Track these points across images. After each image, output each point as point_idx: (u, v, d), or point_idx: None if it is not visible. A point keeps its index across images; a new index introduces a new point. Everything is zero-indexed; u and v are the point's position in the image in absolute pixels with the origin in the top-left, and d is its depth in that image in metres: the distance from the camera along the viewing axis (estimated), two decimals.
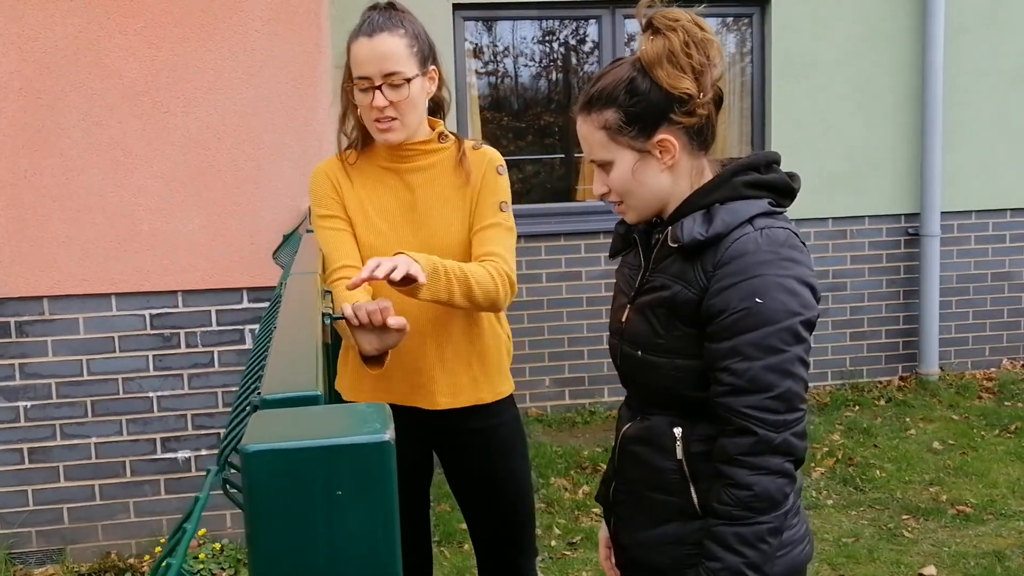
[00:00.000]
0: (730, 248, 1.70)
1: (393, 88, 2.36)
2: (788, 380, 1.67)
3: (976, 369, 6.79)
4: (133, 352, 4.14)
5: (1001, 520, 4.55)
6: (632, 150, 1.80)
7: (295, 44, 4.07)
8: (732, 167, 1.81)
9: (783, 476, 1.67)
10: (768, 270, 1.68)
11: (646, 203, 1.85)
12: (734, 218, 1.73)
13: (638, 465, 1.90)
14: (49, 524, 4.18)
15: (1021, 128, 6.62)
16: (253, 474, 0.81)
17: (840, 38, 6.32)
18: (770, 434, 1.66)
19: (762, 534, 1.66)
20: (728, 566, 1.66)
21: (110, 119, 3.99)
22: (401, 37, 2.37)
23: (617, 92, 1.78)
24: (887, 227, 6.57)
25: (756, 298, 1.66)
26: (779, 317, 1.66)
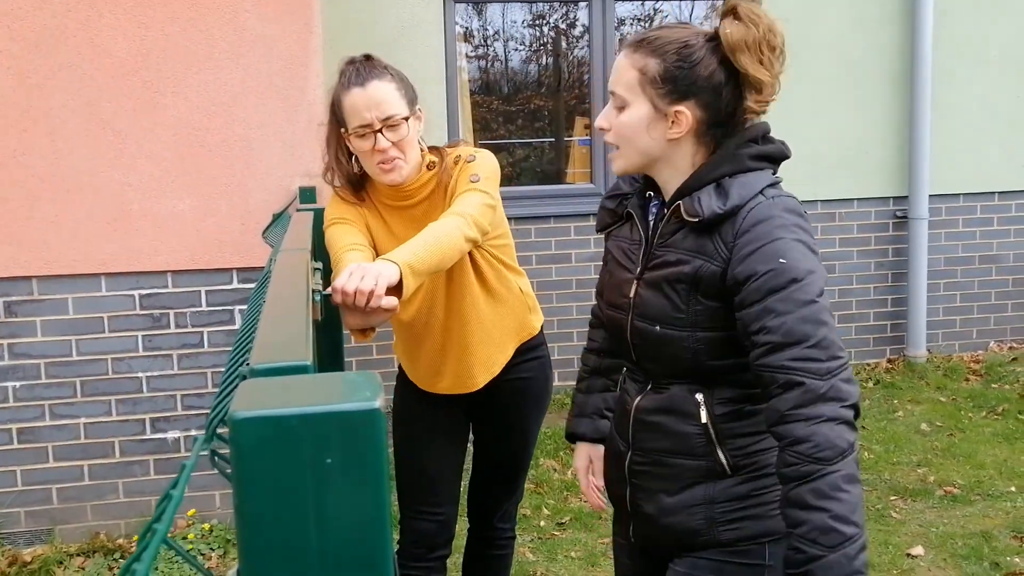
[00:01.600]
0: (747, 216, 1.77)
1: (392, 129, 2.49)
2: (823, 328, 1.68)
3: (963, 351, 6.82)
4: (123, 332, 4.13)
5: (988, 501, 4.58)
6: (651, 105, 1.84)
7: (286, 24, 4.06)
8: (735, 141, 1.86)
9: (840, 422, 1.63)
10: (786, 233, 1.74)
11: (635, 158, 1.90)
12: (747, 191, 1.79)
13: (660, 434, 1.93)
14: (38, 504, 4.17)
15: (1009, 111, 6.64)
16: (241, 442, 0.80)
17: (829, 21, 6.31)
18: (816, 382, 1.65)
19: (837, 483, 1.60)
20: (816, 525, 1.60)
21: (100, 99, 3.97)
22: (390, 82, 2.51)
23: (669, 48, 1.83)
24: (875, 210, 6.58)
25: (780, 259, 1.71)
26: (803, 273, 1.70)
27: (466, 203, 2.44)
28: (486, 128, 6.32)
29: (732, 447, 1.86)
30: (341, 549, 0.83)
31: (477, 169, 2.56)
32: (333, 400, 0.84)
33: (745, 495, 1.87)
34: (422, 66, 5.79)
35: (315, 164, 4.10)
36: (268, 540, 0.82)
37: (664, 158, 1.88)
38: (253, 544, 0.82)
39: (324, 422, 0.82)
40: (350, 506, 0.83)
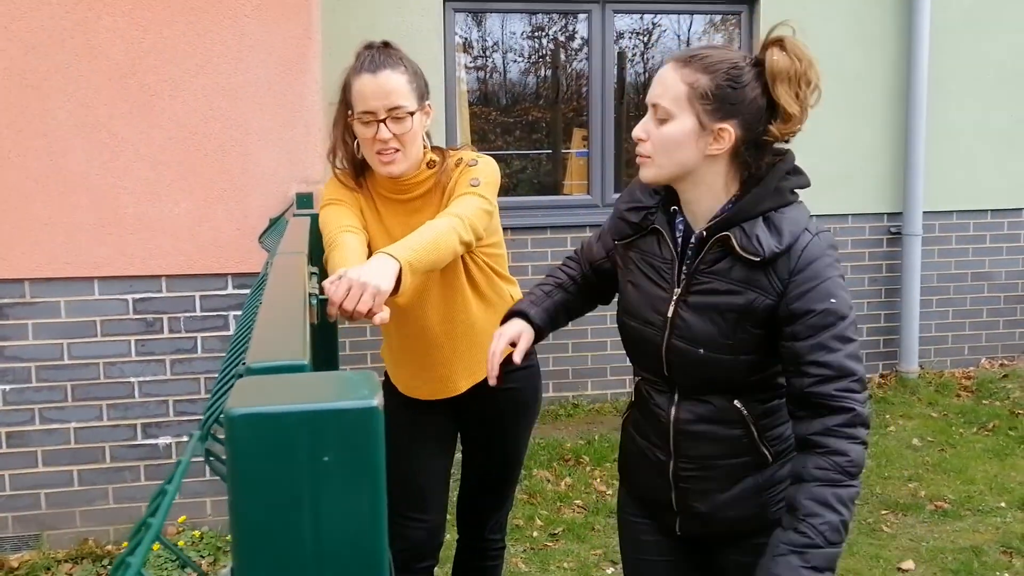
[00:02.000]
0: (802, 255, 1.91)
1: (397, 121, 2.48)
2: (860, 365, 1.91)
3: (955, 368, 6.83)
4: (115, 337, 4.11)
5: (978, 516, 4.58)
6: (697, 120, 1.93)
7: (285, 29, 4.06)
8: (775, 173, 1.98)
9: (865, 446, 1.89)
10: (832, 272, 1.92)
11: (671, 169, 1.98)
12: (796, 227, 1.93)
13: (706, 441, 2.08)
14: (26, 509, 4.14)
15: (1004, 129, 6.66)
16: (237, 439, 0.79)
17: (827, 38, 6.33)
18: (861, 409, 1.87)
19: (853, 496, 1.86)
20: (829, 522, 1.83)
21: (96, 101, 3.97)
22: (402, 74, 2.50)
23: (720, 67, 1.93)
24: (870, 226, 6.59)
25: (831, 299, 1.89)
26: (847, 312, 1.91)
27: (463, 205, 2.44)
28: (484, 139, 6.33)
29: (771, 439, 2.07)
30: (337, 548, 0.82)
31: (478, 174, 2.56)
32: (330, 398, 0.83)
33: (786, 476, 2.05)
34: None
35: (313, 170, 4.10)
36: (263, 539, 0.81)
37: (697, 173, 1.98)
38: (248, 543, 0.81)
39: (321, 420, 0.81)
40: (347, 505, 0.82)
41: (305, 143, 4.09)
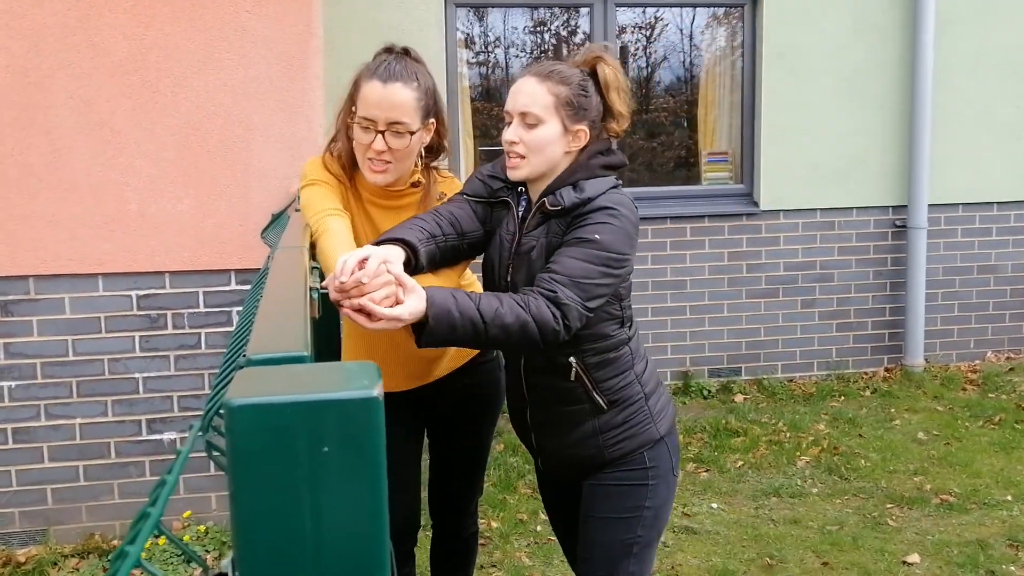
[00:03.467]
0: (590, 204, 2.27)
1: (395, 136, 2.46)
2: (582, 293, 2.19)
3: (961, 361, 6.82)
4: (119, 333, 4.12)
5: (984, 509, 4.57)
6: (561, 124, 2.32)
7: (286, 25, 4.05)
8: (587, 153, 2.37)
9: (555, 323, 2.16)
10: (606, 216, 2.24)
11: (541, 167, 2.35)
12: (597, 189, 2.30)
13: (547, 391, 2.45)
14: (32, 505, 4.15)
15: (1009, 122, 6.64)
16: (237, 429, 0.79)
17: (830, 30, 6.32)
18: (564, 298, 2.16)
19: (522, 317, 2.13)
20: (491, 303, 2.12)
21: (98, 98, 3.97)
22: (413, 90, 2.47)
23: (573, 79, 2.34)
24: (875, 219, 6.58)
25: (596, 234, 2.22)
26: (607, 245, 2.21)
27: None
28: (486, 134, 6.32)
29: (605, 389, 2.40)
30: (338, 539, 0.82)
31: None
32: (330, 388, 0.83)
33: (622, 422, 2.42)
34: None
35: None
36: (264, 530, 0.81)
37: (557, 167, 2.36)
38: (248, 534, 0.81)
39: (321, 410, 0.81)
40: (347, 496, 0.82)
41: (307, 139, 4.09)
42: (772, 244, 6.42)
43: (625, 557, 2.47)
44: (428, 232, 2.33)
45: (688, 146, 6.64)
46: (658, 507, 2.48)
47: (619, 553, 2.47)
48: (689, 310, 6.40)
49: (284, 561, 0.81)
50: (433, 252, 2.33)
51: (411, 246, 2.24)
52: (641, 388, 2.44)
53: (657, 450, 2.46)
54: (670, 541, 4.27)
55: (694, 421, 5.80)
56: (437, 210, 2.44)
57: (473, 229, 2.45)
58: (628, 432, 2.43)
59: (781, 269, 6.47)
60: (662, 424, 2.47)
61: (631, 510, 2.45)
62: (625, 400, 2.42)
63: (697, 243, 6.36)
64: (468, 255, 2.51)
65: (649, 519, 2.47)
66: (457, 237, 2.41)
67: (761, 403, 6.17)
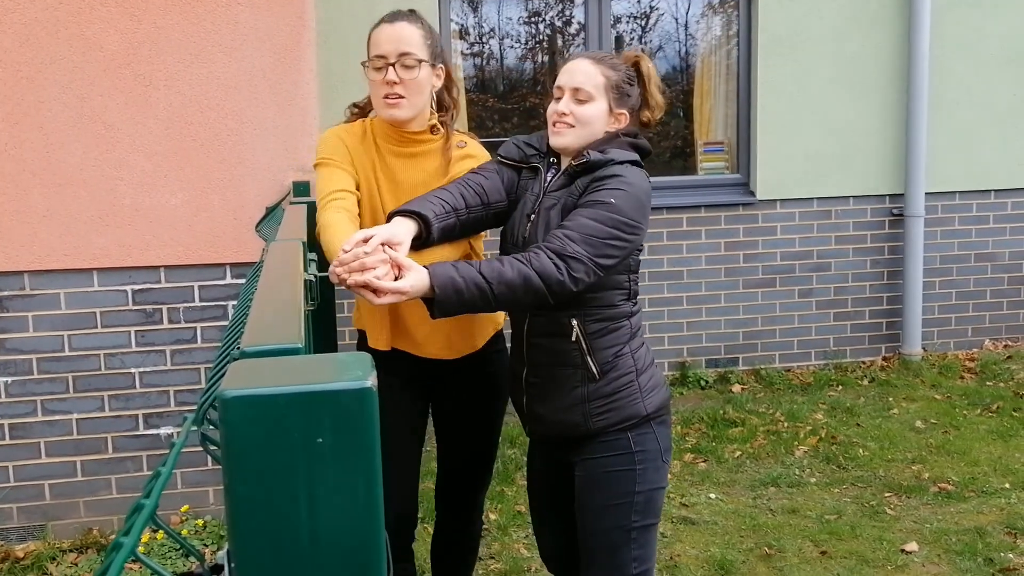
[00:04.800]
0: (607, 169, 2.41)
1: (405, 68, 2.60)
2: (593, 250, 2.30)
3: (959, 350, 6.82)
4: (115, 328, 4.11)
5: (982, 497, 4.58)
6: (608, 104, 2.53)
7: (279, 17, 4.03)
8: (621, 131, 2.55)
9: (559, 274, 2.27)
10: (623, 184, 2.38)
11: (583, 140, 2.51)
12: (622, 156, 2.46)
13: (544, 351, 2.53)
14: (30, 500, 4.15)
15: (1005, 109, 6.63)
16: (231, 421, 0.79)
17: (826, 18, 6.31)
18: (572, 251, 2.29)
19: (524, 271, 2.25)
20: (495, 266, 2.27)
21: (91, 92, 3.95)
22: (419, 28, 2.66)
23: (622, 68, 2.56)
24: (871, 207, 6.58)
25: (611, 198, 2.35)
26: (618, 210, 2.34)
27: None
28: (481, 126, 6.31)
29: (599, 357, 2.48)
30: (333, 529, 0.82)
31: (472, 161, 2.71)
32: (324, 379, 0.82)
33: (610, 393, 2.49)
34: None
35: (308, 158, 4.08)
36: (258, 521, 0.81)
37: (595, 143, 2.51)
38: (243, 525, 0.81)
39: (315, 401, 0.80)
40: (342, 486, 0.81)
41: (301, 131, 4.07)
42: (769, 233, 6.41)
43: (625, 544, 2.53)
44: (451, 206, 2.47)
45: (684, 136, 6.63)
46: (648, 491, 2.54)
47: (618, 540, 2.54)
48: (686, 300, 6.40)
49: (280, 552, 0.81)
50: (452, 225, 2.47)
51: (425, 220, 2.38)
52: (634, 363, 2.52)
53: (643, 432, 2.52)
54: (668, 532, 4.27)
55: (692, 411, 5.80)
56: (465, 179, 2.59)
57: (499, 200, 2.59)
58: (614, 404, 2.49)
59: (778, 259, 6.47)
60: (650, 402, 2.53)
61: (621, 496, 2.52)
62: (616, 371, 2.50)
63: (694, 233, 6.35)
64: (491, 225, 2.66)
65: (641, 504, 2.53)
66: (482, 207, 2.56)
67: (759, 393, 6.17)
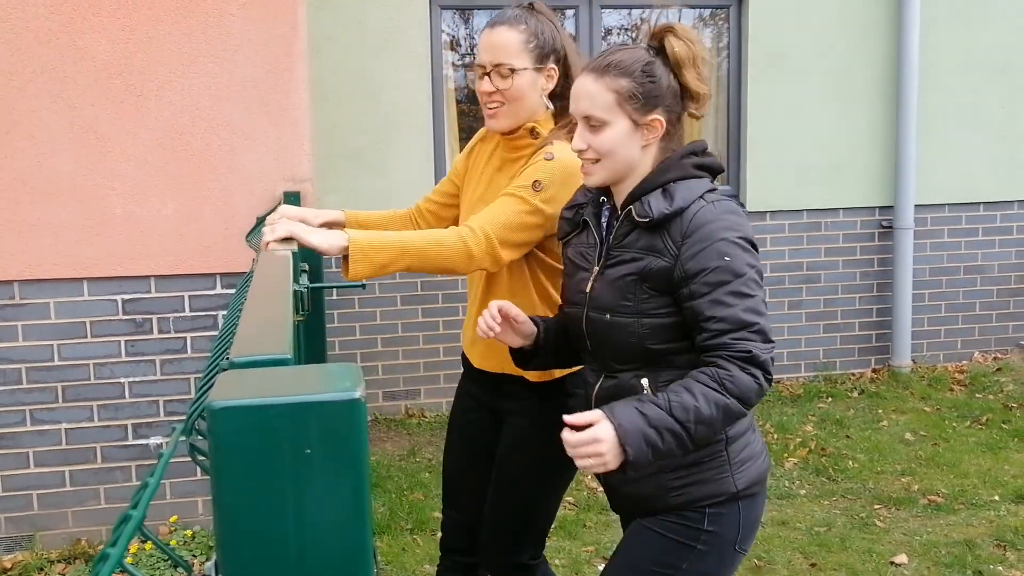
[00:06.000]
0: (694, 219, 2.03)
1: (499, 77, 2.52)
2: (761, 317, 2.00)
3: (948, 362, 6.84)
4: (105, 337, 4.10)
5: (972, 510, 4.59)
6: (630, 120, 2.09)
7: (271, 28, 4.04)
8: (680, 152, 2.14)
9: (758, 384, 1.97)
10: (726, 234, 2.02)
11: (618, 169, 2.13)
12: (690, 194, 2.06)
13: None
14: (18, 510, 4.13)
15: (995, 121, 6.67)
16: (219, 432, 0.79)
17: (816, 31, 6.34)
18: (758, 352, 1.97)
19: (721, 403, 1.94)
20: (684, 401, 1.94)
21: (82, 102, 3.95)
22: (519, 32, 2.51)
23: (635, 68, 2.09)
24: (861, 220, 6.60)
25: (725, 257, 2.00)
26: (744, 270, 2.01)
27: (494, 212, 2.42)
28: (471, 137, 6.30)
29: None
30: (320, 541, 0.82)
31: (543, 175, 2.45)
32: (313, 390, 0.82)
33: (689, 464, 2.11)
34: (407, 73, 5.79)
35: (300, 168, 4.09)
36: (246, 532, 0.81)
37: (637, 166, 2.13)
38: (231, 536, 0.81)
39: (303, 412, 0.80)
40: (330, 498, 0.81)
41: (292, 141, 4.08)
42: (759, 245, 6.41)
43: None
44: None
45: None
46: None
47: None
48: None
49: (267, 563, 0.81)
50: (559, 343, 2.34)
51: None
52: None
53: (725, 510, 2.13)
54: None
55: None
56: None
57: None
58: (696, 477, 2.12)
59: (768, 270, 6.48)
60: (741, 478, 2.13)
61: (663, 566, 2.16)
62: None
63: None
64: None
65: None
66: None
67: None
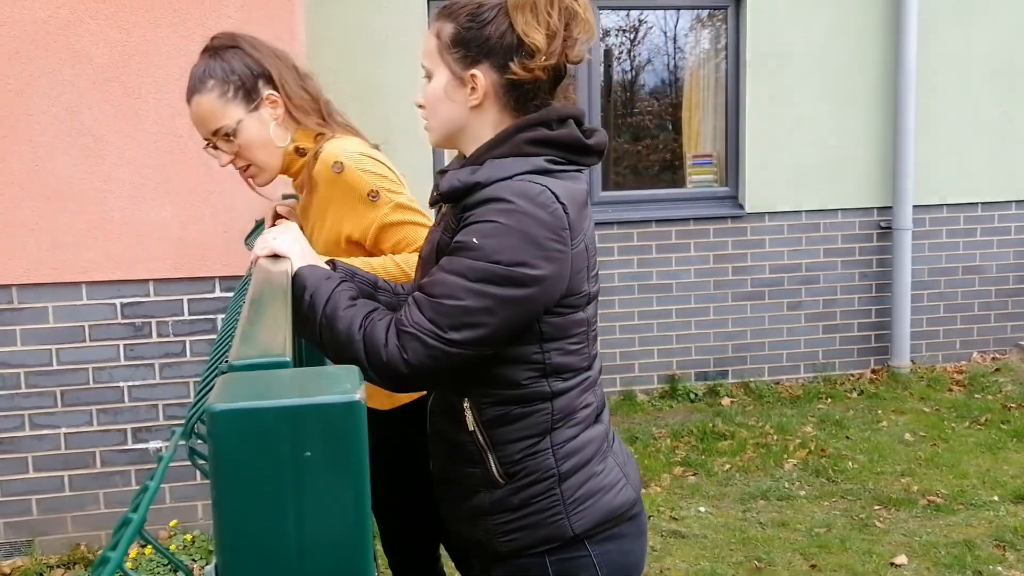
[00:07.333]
0: (481, 192, 1.65)
1: (225, 142, 2.30)
2: (451, 300, 1.61)
3: (947, 362, 6.84)
4: (103, 341, 4.09)
5: (971, 510, 4.58)
6: (449, 71, 1.75)
7: (268, 31, 4.03)
8: (519, 122, 1.73)
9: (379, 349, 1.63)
10: (501, 217, 1.61)
11: (441, 129, 1.80)
12: (498, 172, 1.66)
13: (442, 440, 1.85)
14: (17, 515, 4.12)
15: (992, 122, 6.67)
16: (219, 435, 0.79)
17: (814, 32, 6.34)
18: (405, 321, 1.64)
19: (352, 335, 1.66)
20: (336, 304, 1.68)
21: (80, 105, 3.94)
22: (210, 91, 2.26)
23: (463, 10, 1.73)
24: (860, 220, 6.60)
25: (475, 238, 1.61)
26: (486, 255, 1.61)
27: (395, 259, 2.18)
28: None
29: (502, 453, 1.75)
30: (321, 544, 0.81)
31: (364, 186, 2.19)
32: (312, 393, 0.82)
33: (518, 506, 1.76)
34: (405, 76, 5.79)
35: None
36: (246, 535, 0.81)
37: (467, 128, 1.78)
38: (231, 539, 0.80)
39: (303, 415, 0.80)
40: (330, 501, 0.81)
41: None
42: (757, 246, 6.43)
43: None
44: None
45: (673, 149, 6.64)
46: None
47: None
48: (675, 313, 6.40)
49: (267, 567, 0.80)
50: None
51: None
52: (555, 464, 1.75)
53: (570, 556, 1.77)
54: (658, 545, 4.27)
55: (681, 425, 5.80)
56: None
57: None
58: (526, 520, 1.76)
59: (767, 271, 6.48)
60: (580, 519, 1.76)
61: None
62: (528, 475, 1.75)
63: (682, 246, 6.36)
64: None
65: None
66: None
67: (748, 406, 6.17)
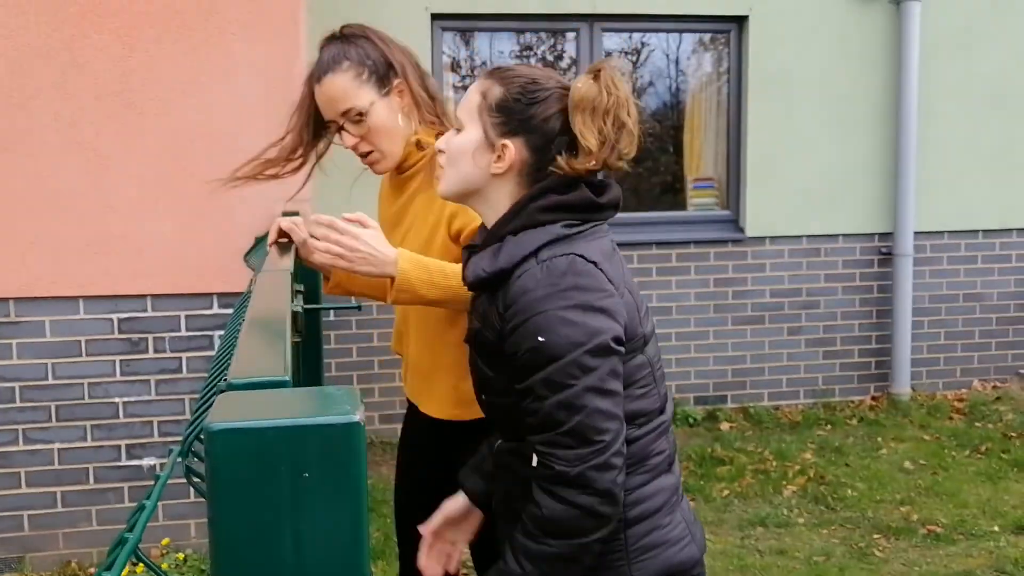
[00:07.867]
0: (514, 287, 1.68)
1: (354, 124, 2.34)
2: (577, 415, 1.62)
3: (947, 390, 6.82)
4: (100, 356, 4.07)
5: (971, 540, 4.56)
6: (483, 132, 1.78)
7: (272, 48, 4.04)
8: (531, 192, 1.76)
9: (578, 509, 1.63)
10: (547, 305, 1.64)
11: (457, 184, 1.84)
12: (519, 250, 1.70)
13: (508, 475, 1.87)
14: (9, 531, 4.09)
15: (994, 149, 6.68)
16: (217, 454, 0.78)
17: (816, 57, 6.36)
18: (565, 469, 1.63)
19: (545, 555, 1.65)
20: (510, 571, 1.69)
21: (83, 120, 3.94)
22: (345, 71, 2.32)
23: (517, 80, 1.77)
24: (860, 246, 6.60)
25: (539, 337, 1.64)
26: (562, 352, 1.63)
27: None
28: None
29: None
30: (318, 565, 0.81)
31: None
32: (311, 413, 0.82)
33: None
34: None
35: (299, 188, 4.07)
36: (243, 555, 0.80)
37: (483, 192, 1.81)
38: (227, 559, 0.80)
39: (301, 435, 0.80)
40: (328, 522, 0.81)
41: None
42: (758, 271, 6.43)
43: None
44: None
45: (674, 172, 6.65)
46: None
47: None
48: (675, 336, 6.39)
49: None
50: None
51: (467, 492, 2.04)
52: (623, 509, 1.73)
53: None
54: None
55: (680, 449, 5.77)
56: None
57: None
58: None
59: (767, 296, 6.48)
60: (641, 569, 1.76)
61: None
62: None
63: (683, 269, 6.36)
64: None
65: None
66: None
67: (747, 431, 6.15)
